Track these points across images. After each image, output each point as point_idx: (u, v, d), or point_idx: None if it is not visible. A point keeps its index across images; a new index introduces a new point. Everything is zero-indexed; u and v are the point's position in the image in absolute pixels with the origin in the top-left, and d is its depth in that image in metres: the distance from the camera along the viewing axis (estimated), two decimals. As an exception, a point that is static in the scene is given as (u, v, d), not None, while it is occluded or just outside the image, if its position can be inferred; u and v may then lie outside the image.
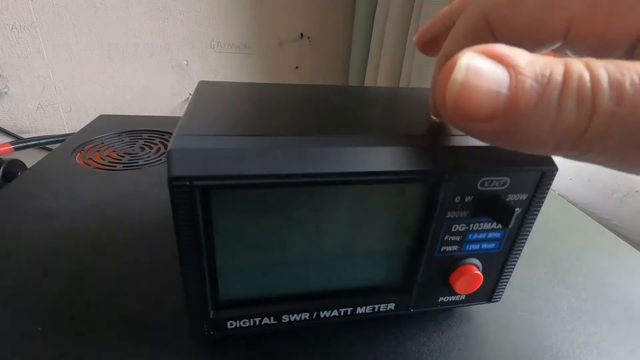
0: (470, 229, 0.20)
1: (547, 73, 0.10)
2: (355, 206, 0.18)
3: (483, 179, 0.18)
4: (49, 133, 0.88)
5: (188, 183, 0.15)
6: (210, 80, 0.27)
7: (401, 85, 0.74)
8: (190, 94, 0.88)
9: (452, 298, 0.22)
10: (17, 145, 0.80)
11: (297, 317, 0.20)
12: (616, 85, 0.09)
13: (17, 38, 0.79)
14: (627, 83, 0.09)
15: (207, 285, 0.18)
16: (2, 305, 0.22)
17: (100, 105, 0.89)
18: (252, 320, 0.20)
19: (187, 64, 0.90)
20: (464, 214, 0.19)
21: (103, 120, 0.53)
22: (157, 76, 0.90)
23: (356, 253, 0.20)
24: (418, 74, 0.66)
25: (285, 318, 0.20)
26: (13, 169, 0.66)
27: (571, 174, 0.55)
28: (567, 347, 0.23)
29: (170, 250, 0.22)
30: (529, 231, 0.20)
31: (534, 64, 0.10)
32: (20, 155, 0.82)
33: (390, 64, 0.77)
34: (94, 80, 0.87)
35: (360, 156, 0.17)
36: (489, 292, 0.23)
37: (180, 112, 0.93)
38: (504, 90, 0.10)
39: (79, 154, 0.42)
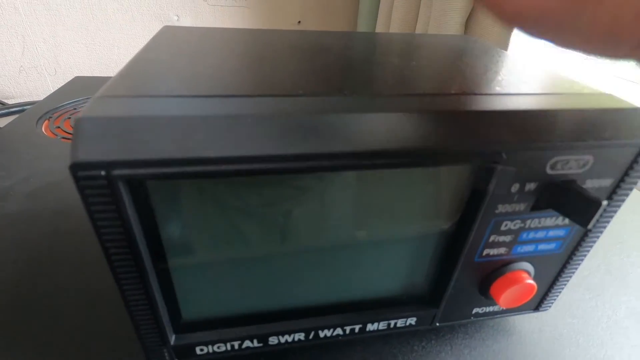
0: (527, 226, 0.14)
1: None
2: (364, 193, 0.13)
3: (556, 158, 0.12)
4: (34, 98, 0.82)
5: (104, 173, 0.09)
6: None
7: (416, 39, 0.65)
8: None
9: (491, 309, 0.17)
10: (1, 112, 0.75)
11: (288, 338, 0.15)
12: None
13: (-12, -9, 0.71)
14: None
15: (160, 306, 0.13)
16: None
17: (86, 66, 0.82)
18: (228, 345, 0.15)
19: (177, 19, 0.82)
20: (521, 207, 0.13)
21: (78, 83, 0.47)
22: (145, 32, 0.82)
23: (368, 259, 0.15)
24: (436, 25, 0.58)
25: (273, 340, 0.15)
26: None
27: None
28: (632, 367, 0.18)
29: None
30: (605, 227, 0.15)
31: None
32: (3, 122, 0.77)
33: (404, 15, 0.68)
34: (76, 40, 0.80)
35: (364, 127, 0.11)
36: (538, 300, 0.18)
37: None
38: None
39: (46, 121, 0.37)
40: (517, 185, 0.13)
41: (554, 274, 0.16)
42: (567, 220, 0.14)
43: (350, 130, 0.11)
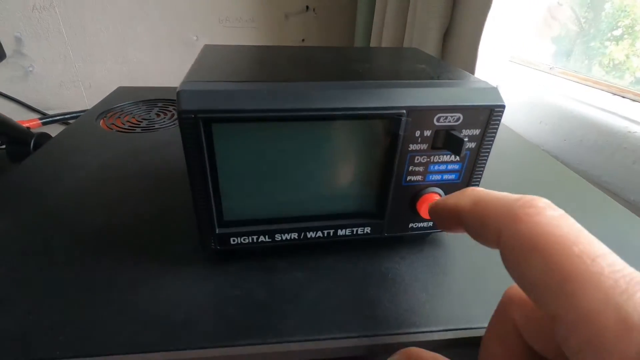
0: (432, 160, 0.23)
1: None
2: (333, 140, 0.22)
3: (438, 114, 0.21)
4: (71, 109, 0.93)
5: (193, 116, 0.19)
6: (213, 43, 0.31)
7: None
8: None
9: (421, 224, 0.26)
10: (44, 120, 0.86)
11: (287, 236, 0.24)
12: None
13: (38, 18, 0.84)
14: None
15: (212, 206, 0.22)
16: (60, 225, 0.27)
17: (116, 80, 0.94)
18: (250, 238, 0.24)
19: (196, 39, 0.93)
20: (424, 146, 0.22)
21: (121, 91, 0.57)
22: (168, 51, 0.94)
23: (336, 182, 0.24)
24: (418, 41, 0.68)
25: (278, 237, 0.24)
26: (42, 140, 0.72)
27: (565, 135, 0.57)
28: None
29: (185, 192, 0.26)
30: (484, 163, 0.24)
31: None
32: (47, 130, 0.88)
33: (393, 33, 0.78)
34: (109, 58, 0.92)
35: (333, 96, 0.20)
36: (454, 220, 0.26)
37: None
38: None
39: (102, 120, 0.47)
40: (418, 131, 0.22)
41: (459, 198, 0.25)
42: (458, 158, 0.23)
43: (320, 97, 0.20)
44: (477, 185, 0.25)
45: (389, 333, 0.21)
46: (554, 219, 0.12)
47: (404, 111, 0.21)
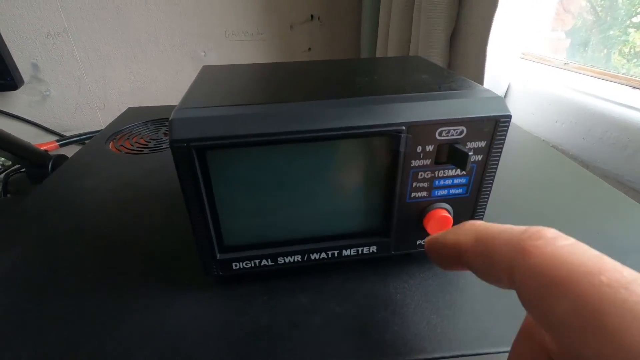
0: (436, 175, 0.22)
1: None
2: (332, 160, 0.21)
3: (440, 129, 0.20)
4: (87, 129, 0.96)
5: (185, 145, 0.19)
6: (211, 64, 0.31)
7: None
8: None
9: (429, 241, 0.25)
10: (61, 142, 0.89)
11: (290, 259, 0.24)
12: None
13: (52, 44, 0.87)
14: None
15: (212, 232, 0.22)
16: (74, 245, 0.27)
17: (129, 100, 0.96)
18: (252, 262, 0.23)
19: (205, 55, 0.95)
20: (427, 162, 0.22)
21: (131, 112, 0.58)
22: (178, 68, 0.95)
23: (338, 202, 0.23)
24: (424, 45, 0.66)
25: (280, 260, 0.24)
26: (60, 161, 0.75)
27: (584, 133, 0.55)
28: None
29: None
30: (493, 175, 0.23)
31: None
32: (64, 151, 0.91)
33: (399, 37, 0.77)
34: (122, 78, 0.94)
35: (329, 115, 0.20)
36: (464, 234, 0.25)
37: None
38: None
39: (111, 142, 0.48)
40: (420, 147, 0.21)
41: (469, 212, 0.24)
42: (464, 172, 0.22)
43: (315, 118, 0.20)
44: (487, 198, 0.24)
45: (398, 361, 0.20)
46: (567, 248, 0.10)
47: (404, 127, 0.20)
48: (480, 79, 0.62)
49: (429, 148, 0.21)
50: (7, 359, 0.20)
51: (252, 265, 0.24)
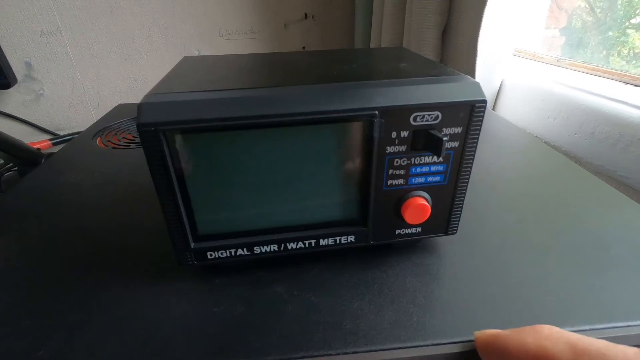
0: (413, 162, 0.22)
1: None
2: (306, 146, 0.21)
3: (415, 114, 0.20)
4: (81, 128, 0.96)
5: (153, 129, 0.18)
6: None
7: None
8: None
9: (408, 230, 0.24)
10: (55, 141, 0.89)
11: (267, 248, 0.23)
12: None
13: (46, 43, 0.87)
14: None
15: (184, 220, 0.21)
16: (59, 235, 0.27)
17: (123, 99, 0.96)
18: (228, 251, 0.23)
19: (198, 53, 0.95)
20: (403, 148, 0.21)
21: (121, 108, 0.58)
22: (172, 66, 0.95)
23: (313, 189, 0.22)
24: (416, 41, 0.66)
25: (257, 249, 0.23)
26: (51, 160, 0.74)
27: (576, 129, 0.54)
28: (522, 278, 0.24)
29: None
30: (471, 163, 0.22)
31: None
32: (58, 149, 0.91)
33: (392, 35, 0.77)
34: (116, 77, 0.94)
35: (300, 100, 0.19)
36: (444, 224, 0.25)
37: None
38: None
39: (99, 138, 0.47)
40: (394, 132, 0.20)
41: (448, 200, 0.24)
42: (442, 159, 0.22)
43: (286, 102, 0.19)
44: (465, 186, 0.23)
45: (371, 349, 0.19)
46: None
47: (377, 112, 0.20)
48: (471, 74, 0.61)
49: (404, 134, 0.21)
50: (-27, 348, 0.19)
51: (228, 254, 0.23)
